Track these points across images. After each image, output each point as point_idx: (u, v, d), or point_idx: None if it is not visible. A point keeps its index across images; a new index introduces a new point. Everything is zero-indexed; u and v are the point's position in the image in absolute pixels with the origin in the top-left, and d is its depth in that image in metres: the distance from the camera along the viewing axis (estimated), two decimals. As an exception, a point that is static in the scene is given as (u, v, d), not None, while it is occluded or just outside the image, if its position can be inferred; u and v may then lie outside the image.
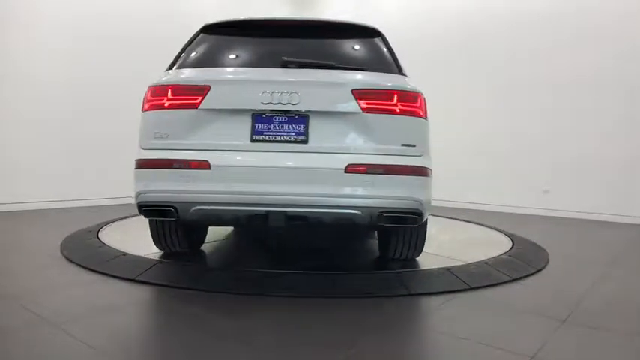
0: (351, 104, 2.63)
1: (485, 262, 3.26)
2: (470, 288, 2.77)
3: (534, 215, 6.30)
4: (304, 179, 2.59)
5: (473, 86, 6.93)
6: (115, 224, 4.42)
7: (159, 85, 2.73)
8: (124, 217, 4.63)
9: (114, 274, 2.85)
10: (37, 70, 5.49)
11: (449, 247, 4.09)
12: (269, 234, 4.33)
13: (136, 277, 2.78)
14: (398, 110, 2.66)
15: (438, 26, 7.23)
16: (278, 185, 2.58)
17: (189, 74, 2.79)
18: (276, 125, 2.63)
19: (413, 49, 6.89)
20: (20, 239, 4.06)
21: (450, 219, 5.53)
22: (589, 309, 2.49)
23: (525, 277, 3.09)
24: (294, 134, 2.63)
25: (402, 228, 3.01)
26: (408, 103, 2.68)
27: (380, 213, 2.62)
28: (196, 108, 2.64)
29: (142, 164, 2.72)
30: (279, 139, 2.62)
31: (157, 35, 6.15)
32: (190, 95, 2.65)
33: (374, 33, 3.07)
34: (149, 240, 3.27)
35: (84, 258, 3.17)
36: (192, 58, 2.90)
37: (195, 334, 2.05)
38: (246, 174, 2.61)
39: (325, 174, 2.59)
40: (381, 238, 3.44)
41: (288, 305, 2.49)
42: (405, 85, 2.74)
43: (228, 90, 2.69)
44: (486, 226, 4.96)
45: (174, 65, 2.89)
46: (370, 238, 4.08)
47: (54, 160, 5.62)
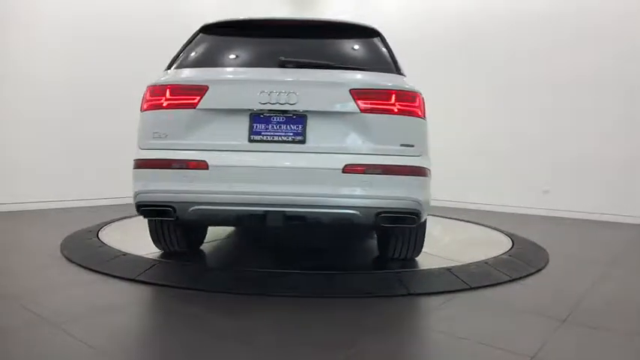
0: (349, 104, 2.62)
1: (486, 262, 3.26)
2: (470, 288, 2.77)
3: (534, 215, 6.29)
4: (302, 179, 2.59)
5: (473, 86, 6.93)
6: (115, 224, 4.42)
7: (157, 85, 2.73)
8: (124, 217, 4.63)
9: (114, 274, 2.85)
10: (37, 70, 5.49)
11: (449, 247, 4.10)
12: (269, 234, 4.33)
13: (136, 277, 2.78)
14: (396, 110, 2.66)
15: (438, 26, 7.23)
16: (276, 185, 2.58)
17: (187, 74, 2.79)
18: (274, 125, 2.63)
19: (413, 49, 6.90)
20: (20, 239, 4.06)
21: (451, 219, 5.53)
22: (589, 309, 2.49)
23: (525, 277, 3.09)
24: (292, 134, 2.63)
25: (400, 228, 3.00)
26: (406, 102, 2.68)
27: (378, 213, 2.62)
28: (194, 108, 2.64)
29: (140, 164, 2.72)
30: (277, 139, 2.62)
31: (156, 35, 6.15)
32: (188, 95, 2.65)
33: (372, 33, 3.07)
34: (149, 240, 3.27)
35: (84, 258, 3.17)
36: (190, 58, 2.90)
37: (195, 334, 2.05)
38: (244, 174, 2.61)
39: (323, 174, 2.58)
40: (381, 238, 3.44)
41: (288, 305, 2.49)
42: (403, 85, 2.74)
43: (226, 90, 2.70)
44: (486, 226, 4.96)
45: (172, 65, 2.90)
46: (370, 238, 4.08)
47: (54, 160, 5.62)
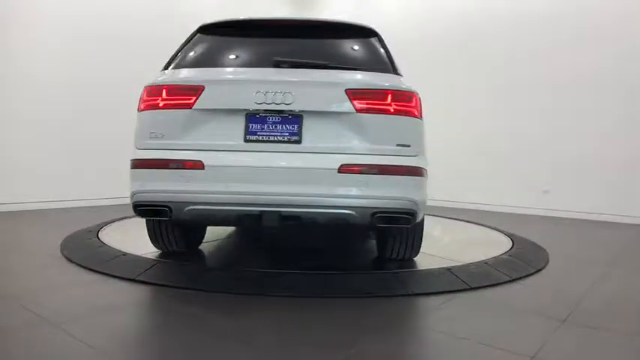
0: (345, 104, 2.62)
1: (486, 262, 3.26)
2: (470, 288, 2.77)
3: (534, 215, 6.29)
4: (298, 179, 2.58)
5: (473, 86, 6.93)
6: (115, 224, 4.43)
7: (154, 86, 2.74)
8: (123, 217, 4.63)
9: (114, 274, 2.85)
10: (37, 70, 5.49)
11: (449, 247, 4.10)
12: (268, 234, 4.33)
13: (136, 277, 2.78)
14: (392, 110, 2.65)
15: (438, 26, 7.23)
16: (272, 185, 2.58)
17: (183, 74, 2.80)
18: (270, 125, 2.63)
19: (413, 49, 6.91)
20: (20, 239, 4.06)
21: (450, 219, 5.53)
22: (589, 309, 2.49)
23: (525, 277, 3.09)
24: (287, 134, 2.62)
25: (398, 228, 3.00)
26: (402, 102, 2.67)
27: (374, 213, 2.61)
28: (190, 108, 2.64)
29: (137, 164, 2.73)
30: (272, 139, 2.62)
31: (156, 35, 6.14)
32: (184, 95, 2.66)
33: (370, 33, 3.06)
34: (149, 240, 3.27)
35: (84, 258, 3.17)
36: (187, 58, 2.90)
37: (195, 334, 2.05)
38: (240, 174, 2.61)
39: (318, 174, 2.58)
40: (379, 238, 3.44)
41: (288, 305, 2.49)
42: (400, 85, 2.73)
43: (221, 90, 2.70)
44: (486, 226, 4.96)
45: (169, 65, 2.90)
46: (370, 238, 4.08)
47: (54, 160, 5.62)
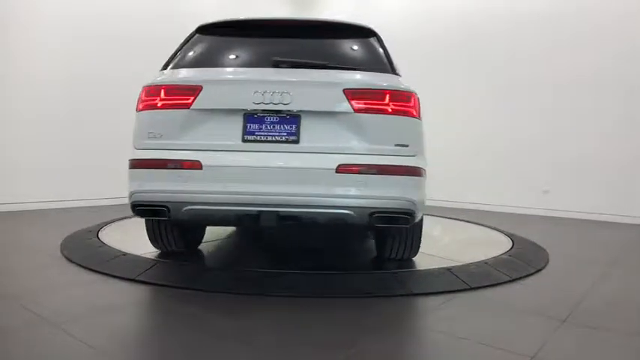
0: (343, 104, 2.62)
1: (486, 262, 3.26)
2: (470, 288, 2.77)
3: (534, 215, 6.29)
4: (295, 179, 2.58)
5: (473, 86, 6.93)
6: (115, 224, 4.43)
7: (152, 86, 2.74)
8: (124, 217, 4.63)
9: (114, 274, 2.85)
10: (37, 70, 5.49)
11: (449, 247, 4.10)
12: (268, 234, 4.33)
13: (136, 277, 2.78)
14: (390, 110, 2.65)
15: (438, 26, 7.22)
16: (269, 185, 2.58)
17: (181, 74, 2.80)
18: (268, 125, 2.63)
19: (413, 49, 6.91)
20: (20, 239, 4.06)
21: (450, 219, 5.53)
22: (589, 309, 2.49)
23: (525, 277, 3.09)
24: (285, 134, 2.62)
25: (397, 228, 3.00)
26: (400, 102, 2.67)
27: (372, 213, 2.61)
28: (188, 108, 2.64)
29: (135, 164, 2.73)
30: (270, 139, 2.62)
31: (156, 35, 6.14)
32: (183, 95, 2.66)
33: (368, 33, 3.05)
34: (148, 240, 3.27)
35: (84, 258, 3.17)
36: (186, 58, 2.90)
37: (195, 334, 2.05)
38: (238, 174, 2.61)
39: (316, 174, 2.58)
40: (378, 238, 3.44)
41: (287, 305, 2.49)
42: (398, 85, 2.72)
43: (219, 90, 2.70)
44: (486, 226, 4.96)
45: (168, 65, 2.90)
46: (370, 238, 4.08)
47: (54, 160, 5.62)
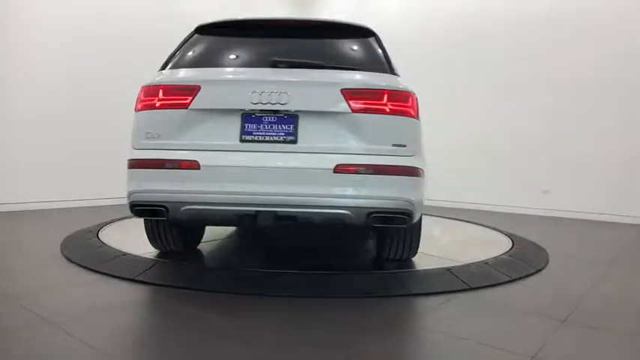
0: (341, 104, 2.61)
1: (486, 263, 3.26)
2: (470, 288, 2.77)
3: (534, 215, 6.29)
4: (293, 179, 2.58)
5: (473, 86, 6.93)
6: (115, 224, 4.43)
7: (151, 86, 2.75)
8: (124, 217, 4.63)
9: (114, 274, 2.85)
10: (37, 70, 5.49)
11: (449, 248, 4.10)
12: (268, 234, 4.33)
13: (136, 277, 2.78)
14: (388, 110, 2.64)
15: (438, 26, 7.23)
16: (267, 185, 2.58)
17: (180, 75, 2.80)
18: (266, 125, 2.63)
19: (413, 49, 6.92)
20: (21, 239, 4.06)
21: (450, 219, 5.53)
22: (589, 309, 2.49)
23: (525, 277, 3.09)
24: (283, 134, 2.62)
25: (395, 228, 2.99)
26: (398, 102, 2.66)
27: (369, 213, 2.60)
28: (186, 108, 2.64)
29: (133, 164, 2.73)
30: (268, 139, 2.62)
31: (156, 35, 6.13)
32: (181, 95, 2.66)
33: (367, 33, 3.05)
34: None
35: (84, 258, 3.17)
36: (184, 58, 2.90)
37: (195, 334, 2.05)
38: (236, 174, 2.61)
39: (314, 174, 2.58)
40: (377, 238, 3.44)
41: (287, 305, 2.49)
42: (396, 85, 2.72)
43: (217, 90, 2.70)
44: (486, 226, 4.96)
45: (167, 65, 2.90)
46: (370, 238, 4.08)
47: (54, 160, 5.62)
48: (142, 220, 3.17)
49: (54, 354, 1.85)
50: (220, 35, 3.06)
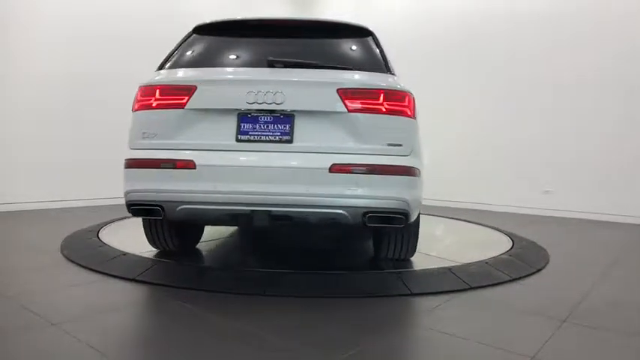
0: (337, 104, 2.61)
1: (486, 262, 3.26)
2: (470, 288, 2.77)
3: (534, 215, 6.29)
4: (289, 179, 2.58)
5: (473, 86, 6.93)
6: (115, 224, 4.43)
7: (148, 86, 2.75)
8: (124, 217, 4.63)
9: (114, 274, 2.85)
10: (37, 70, 5.50)
11: (449, 247, 4.10)
12: (268, 234, 4.33)
13: (136, 277, 2.78)
14: (384, 110, 2.64)
15: (438, 26, 7.23)
16: (263, 185, 2.58)
17: (176, 74, 2.80)
18: (262, 125, 2.63)
19: (413, 49, 6.92)
20: (20, 239, 4.06)
21: (450, 219, 5.53)
22: (589, 309, 2.49)
23: (525, 277, 3.09)
24: (279, 134, 2.62)
25: (392, 228, 2.98)
26: (394, 102, 2.66)
27: (365, 213, 2.60)
28: (183, 108, 2.65)
29: (130, 164, 2.74)
30: (264, 138, 2.62)
31: (156, 35, 6.12)
32: (177, 95, 2.66)
33: (364, 32, 3.04)
34: (148, 240, 3.28)
35: (84, 258, 3.17)
36: (181, 58, 2.90)
37: (195, 334, 2.05)
38: (231, 173, 2.61)
39: (309, 173, 2.57)
40: (375, 238, 3.43)
41: (287, 305, 2.49)
42: (392, 85, 2.71)
43: (213, 90, 2.70)
44: (486, 226, 4.96)
45: (164, 65, 2.90)
46: (369, 238, 4.08)
47: (54, 160, 5.62)
48: (142, 220, 3.17)
49: (54, 354, 1.85)
50: (218, 35, 3.06)
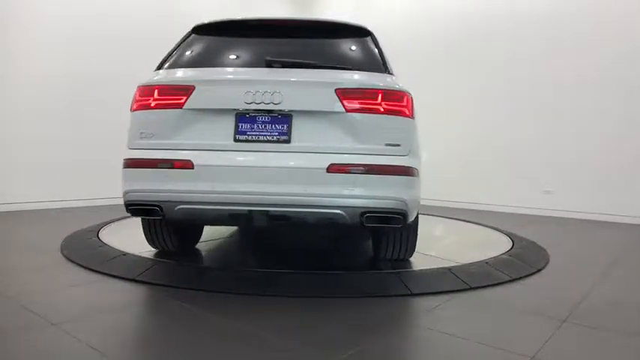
0: (335, 104, 2.61)
1: (486, 262, 3.26)
2: (470, 288, 2.77)
3: (534, 215, 6.29)
4: (287, 179, 2.58)
5: (473, 86, 6.93)
6: (115, 224, 4.43)
7: (146, 86, 2.75)
8: (124, 217, 4.63)
9: (114, 274, 2.85)
10: (37, 70, 5.50)
11: (449, 247, 4.10)
12: (268, 234, 4.33)
13: (136, 277, 2.78)
14: (382, 109, 2.64)
15: (437, 26, 7.22)
16: (260, 185, 2.58)
17: (175, 74, 2.80)
18: (260, 125, 2.63)
19: (413, 49, 6.92)
20: (20, 239, 4.06)
21: (450, 219, 5.53)
22: (589, 309, 2.49)
23: (525, 277, 3.09)
24: (277, 134, 2.62)
25: (391, 228, 2.97)
26: (392, 102, 2.66)
27: (363, 213, 2.60)
28: (181, 108, 2.65)
29: (128, 164, 2.74)
30: (262, 138, 2.62)
31: (156, 35, 6.12)
32: (175, 95, 2.66)
33: (363, 32, 3.04)
34: (148, 240, 3.28)
35: (84, 258, 3.17)
36: (180, 58, 2.90)
37: (195, 334, 2.05)
38: (229, 173, 2.61)
39: (307, 173, 2.57)
40: (374, 238, 3.43)
41: (287, 305, 2.49)
42: (390, 85, 2.71)
43: (211, 90, 2.70)
44: (486, 226, 4.96)
45: (163, 65, 2.90)
46: (369, 238, 4.08)
47: (54, 160, 5.62)
48: (141, 220, 3.17)
49: (54, 354, 1.85)
50: (217, 35, 3.06)
